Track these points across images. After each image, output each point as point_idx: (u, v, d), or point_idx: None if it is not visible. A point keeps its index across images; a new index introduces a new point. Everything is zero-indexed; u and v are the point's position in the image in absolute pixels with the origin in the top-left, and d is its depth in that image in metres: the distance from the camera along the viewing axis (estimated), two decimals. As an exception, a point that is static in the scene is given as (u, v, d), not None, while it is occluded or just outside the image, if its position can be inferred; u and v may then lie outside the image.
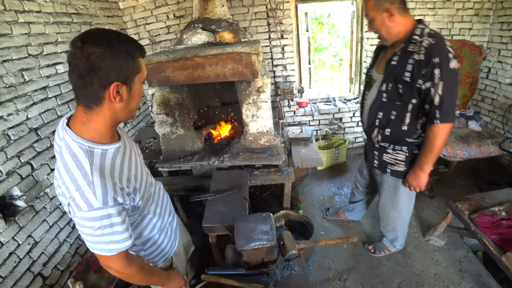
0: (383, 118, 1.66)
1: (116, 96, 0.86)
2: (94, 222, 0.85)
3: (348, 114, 3.78)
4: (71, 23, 2.58)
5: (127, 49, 0.84)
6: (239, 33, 2.18)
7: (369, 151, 1.96)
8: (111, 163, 0.93)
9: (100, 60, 0.79)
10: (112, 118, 0.91)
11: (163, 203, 1.34)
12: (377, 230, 2.62)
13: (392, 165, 1.79)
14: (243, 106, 2.34)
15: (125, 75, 0.85)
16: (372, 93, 1.73)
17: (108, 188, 0.86)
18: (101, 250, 0.91)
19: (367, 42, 3.54)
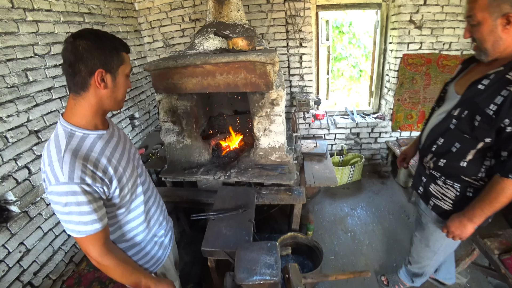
0: (443, 146, 1.39)
1: (101, 82, 0.96)
2: (61, 197, 0.90)
3: (366, 129, 3.56)
4: (83, 23, 2.50)
5: (112, 43, 0.97)
6: (254, 40, 2.02)
7: (416, 174, 1.68)
8: (89, 147, 0.98)
9: (87, 51, 0.91)
10: (98, 104, 1.00)
11: (155, 213, 1.32)
12: (392, 259, 2.40)
13: (437, 199, 1.51)
14: (254, 118, 2.18)
15: (109, 64, 0.96)
16: (440, 112, 1.45)
17: (76, 166, 0.90)
18: (73, 231, 0.94)
19: (390, 54, 3.32)
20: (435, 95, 3.22)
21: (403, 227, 2.79)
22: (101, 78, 0.95)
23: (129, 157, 1.17)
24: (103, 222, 0.98)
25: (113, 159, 1.05)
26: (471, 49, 3.04)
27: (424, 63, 3.17)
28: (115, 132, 1.15)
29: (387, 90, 3.50)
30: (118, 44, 1.00)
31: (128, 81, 1.07)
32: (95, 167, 0.95)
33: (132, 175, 1.14)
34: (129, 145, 1.24)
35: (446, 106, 1.42)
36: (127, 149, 1.19)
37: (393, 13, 3.17)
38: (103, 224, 0.98)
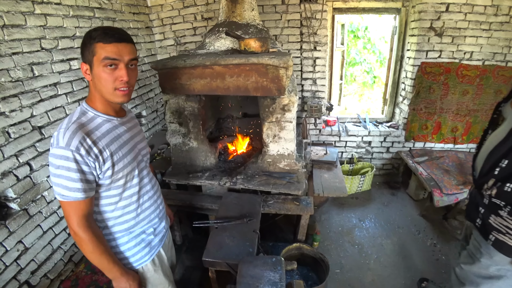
0: (508, 168, 1.26)
1: (86, 74, 1.05)
2: (56, 160, 0.98)
3: (378, 138, 3.44)
4: (93, 17, 2.45)
5: (89, 34, 1.00)
6: (267, 42, 1.93)
7: (472, 205, 1.51)
8: (96, 126, 1.07)
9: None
10: (97, 92, 1.08)
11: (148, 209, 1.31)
12: (401, 276, 2.28)
13: (499, 233, 1.31)
14: (264, 124, 2.09)
15: (85, 56, 1.02)
16: (498, 133, 1.35)
17: (77, 136, 0.99)
18: (58, 194, 1.01)
19: (407, 62, 3.20)
20: (452, 106, 3.13)
21: (412, 242, 2.67)
22: (85, 70, 1.04)
23: (133, 148, 1.21)
24: (86, 194, 1.03)
25: (115, 143, 1.11)
26: (493, 60, 2.94)
27: (442, 72, 3.04)
28: (128, 123, 1.23)
29: (402, 98, 3.37)
30: (95, 34, 0.99)
31: (108, 70, 1.02)
32: (93, 143, 1.02)
33: (130, 163, 1.17)
34: (140, 139, 1.29)
35: (505, 127, 1.32)
36: (134, 141, 1.23)
37: (412, 19, 3.05)
38: (85, 195, 1.02)
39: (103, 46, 0.99)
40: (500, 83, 3.04)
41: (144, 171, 1.27)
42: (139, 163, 1.23)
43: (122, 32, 1.05)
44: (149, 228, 1.31)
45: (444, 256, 2.50)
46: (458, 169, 2.98)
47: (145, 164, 1.30)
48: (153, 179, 1.38)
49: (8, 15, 1.76)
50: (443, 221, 2.90)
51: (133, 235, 1.25)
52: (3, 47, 1.74)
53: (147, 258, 1.31)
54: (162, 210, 1.42)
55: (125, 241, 1.24)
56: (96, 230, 1.09)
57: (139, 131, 1.31)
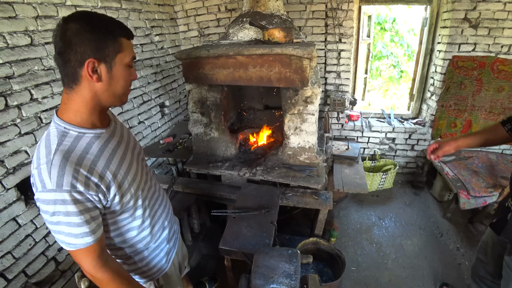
0: None
1: (93, 74, 0.82)
2: (48, 206, 0.80)
3: (402, 135, 3.32)
4: (120, 9, 2.51)
5: (106, 26, 0.83)
6: (291, 32, 1.90)
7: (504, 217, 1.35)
8: (85, 148, 0.86)
9: (76, 35, 0.77)
10: (93, 100, 0.87)
11: (160, 217, 1.21)
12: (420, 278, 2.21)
13: None
14: (286, 116, 2.07)
15: (102, 52, 0.82)
16: None
17: (67, 171, 0.79)
18: (62, 242, 0.84)
19: (438, 56, 3.04)
20: (486, 103, 2.96)
21: (434, 245, 2.58)
22: (93, 69, 0.81)
23: (132, 159, 1.05)
24: (97, 235, 0.87)
25: (113, 162, 0.93)
26: (534, 54, 2.73)
27: (476, 67, 2.87)
28: (116, 130, 1.03)
29: (430, 94, 3.23)
30: (115, 28, 0.85)
31: (131, 71, 0.93)
32: (90, 172, 0.84)
33: (135, 179, 1.02)
34: (133, 144, 1.12)
35: None
36: (130, 149, 1.07)
37: (445, 10, 2.88)
38: (96, 237, 0.86)
39: (128, 42, 0.89)
40: (541, 80, 2.83)
41: (147, 177, 1.15)
42: (142, 172, 1.10)
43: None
44: (164, 236, 1.23)
45: (467, 262, 2.39)
46: (488, 171, 2.83)
47: (146, 168, 1.18)
48: (153, 179, 1.24)
49: (41, 7, 1.84)
50: (468, 225, 2.78)
51: (152, 249, 1.17)
52: (37, 37, 1.82)
53: (166, 266, 1.26)
54: (170, 210, 1.33)
55: (145, 255, 1.15)
56: (115, 265, 0.96)
57: (128, 133, 1.14)
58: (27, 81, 1.76)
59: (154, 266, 1.20)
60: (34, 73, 1.80)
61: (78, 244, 0.84)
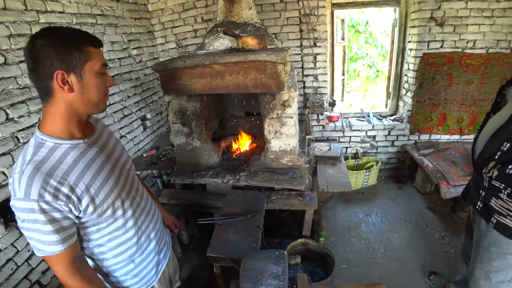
0: (509, 152, 1.23)
1: (64, 85, 0.84)
2: (18, 213, 0.83)
3: (382, 132, 3.42)
4: (95, 24, 2.51)
5: (71, 37, 0.85)
6: (265, 39, 1.95)
7: (473, 188, 1.48)
8: (59, 159, 0.87)
9: (41, 50, 0.80)
10: (68, 110, 0.89)
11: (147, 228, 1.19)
12: (409, 269, 2.26)
13: (501, 215, 1.30)
14: (265, 120, 2.11)
15: (69, 62, 0.84)
16: (500, 116, 1.32)
17: (35, 181, 0.81)
18: (33, 247, 0.87)
19: (409, 54, 3.17)
20: (457, 96, 3.09)
21: (420, 236, 2.65)
22: (63, 80, 0.84)
23: (114, 169, 1.04)
24: (68, 243, 0.88)
25: (87, 172, 0.92)
26: (497, 47, 2.89)
27: (445, 62, 3.01)
28: (99, 139, 1.03)
29: (406, 91, 3.35)
30: (80, 38, 0.87)
31: (105, 78, 0.94)
32: (60, 183, 0.84)
33: (113, 189, 1.00)
34: (119, 153, 1.11)
35: (508, 109, 1.30)
36: (112, 159, 1.05)
37: (412, 10, 3.02)
38: (67, 245, 0.87)
39: (95, 50, 0.90)
40: (506, 70, 2.98)
41: (132, 188, 1.13)
42: (125, 182, 1.09)
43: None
44: (151, 248, 1.21)
45: (452, 249, 2.47)
46: (465, 160, 2.94)
47: (132, 178, 1.16)
48: (144, 191, 1.24)
49: (14, 25, 1.83)
50: (451, 213, 2.87)
51: (139, 261, 1.15)
52: (11, 55, 1.80)
53: (154, 279, 1.23)
54: (159, 221, 1.30)
55: (130, 268, 1.13)
56: (88, 273, 0.96)
57: (115, 141, 1.14)
58: (2, 100, 1.73)
59: (141, 279, 1.18)
60: (9, 92, 1.77)
61: (47, 251, 0.86)
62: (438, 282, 2.14)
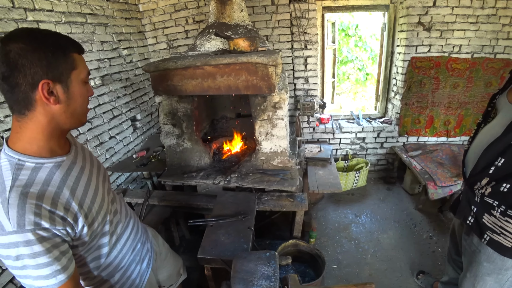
0: (504, 167, 1.17)
1: (50, 96, 0.75)
2: (9, 250, 0.70)
3: (372, 134, 3.47)
4: (85, 23, 2.48)
5: (55, 42, 0.75)
6: (256, 41, 1.96)
7: (464, 202, 1.43)
8: (45, 180, 0.78)
9: (21, 56, 0.70)
10: (50, 124, 0.79)
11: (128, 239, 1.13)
12: (398, 268, 2.30)
13: (494, 233, 1.25)
14: (256, 122, 2.11)
15: (56, 71, 0.75)
16: (493, 128, 1.26)
17: (27, 209, 0.70)
18: (31, 287, 0.75)
19: (398, 57, 3.24)
20: (444, 99, 3.17)
21: (409, 236, 2.69)
22: (49, 91, 0.75)
23: (98, 182, 0.99)
24: (69, 270, 0.79)
25: (77, 190, 0.86)
26: (482, 52, 2.98)
27: (433, 66, 3.08)
28: (78, 154, 0.95)
29: (394, 94, 3.41)
30: (65, 43, 0.78)
31: (87, 87, 0.87)
32: (53, 206, 0.76)
33: (102, 204, 0.96)
34: (97, 167, 1.04)
35: (501, 120, 1.24)
36: (94, 173, 0.99)
37: (401, 15, 3.09)
38: (69, 273, 0.78)
39: (80, 57, 0.83)
40: (490, 75, 3.08)
41: (113, 199, 1.09)
42: (107, 194, 1.04)
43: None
44: (135, 257, 1.16)
45: (440, 248, 2.52)
46: (452, 162, 3.01)
47: (109, 189, 1.10)
48: (117, 198, 1.17)
49: (1, 23, 1.79)
50: (439, 214, 2.93)
51: (123, 271, 1.10)
52: (-4, 54, 1.76)
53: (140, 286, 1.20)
54: (140, 229, 1.26)
55: (116, 279, 1.07)
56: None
57: (90, 155, 1.06)
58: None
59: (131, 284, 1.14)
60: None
61: (51, 285, 0.75)
62: (426, 281, 2.18)
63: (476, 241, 1.35)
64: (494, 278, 1.33)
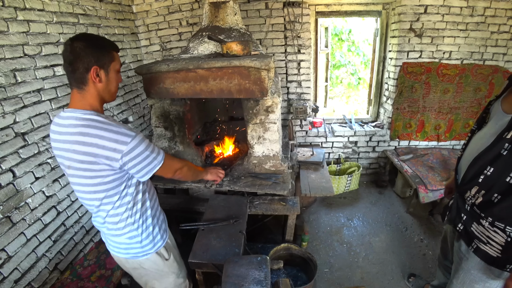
0: (493, 177, 1.16)
1: (96, 77, 1.14)
2: (140, 145, 1.16)
3: (364, 138, 3.50)
4: (77, 24, 2.45)
5: (103, 43, 1.16)
6: (249, 45, 1.97)
7: (454, 209, 1.45)
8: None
9: (83, 50, 1.08)
10: (98, 95, 1.18)
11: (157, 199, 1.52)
12: (389, 272, 2.32)
13: (481, 242, 1.26)
14: (248, 126, 2.11)
15: (102, 61, 1.14)
16: (485, 136, 1.26)
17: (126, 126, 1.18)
18: (159, 162, 1.27)
19: (390, 63, 3.28)
20: (435, 104, 3.22)
21: (400, 239, 2.72)
22: (96, 74, 1.13)
23: None
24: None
25: None
26: (471, 58, 3.04)
27: (423, 71, 3.13)
28: None
29: (386, 98, 3.45)
30: (108, 44, 1.18)
31: (119, 75, 1.26)
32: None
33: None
34: None
35: (492, 128, 1.24)
36: None
37: (393, 21, 3.14)
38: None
39: (116, 54, 1.22)
40: (479, 81, 3.14)
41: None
42: None
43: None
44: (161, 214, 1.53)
45: (430, 251, 2.55)
46: (442, 166, 3.05)
47: None
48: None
49: (-11, 22, 1.76)
50: (430, 217, 2.97)
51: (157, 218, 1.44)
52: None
53: (161, 243, 1.46)
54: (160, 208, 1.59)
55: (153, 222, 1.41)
56: (182, 163, 1.46)
57: None
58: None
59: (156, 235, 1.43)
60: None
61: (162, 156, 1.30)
62: (417, 284, 2.20)
63: (464, 248, 1.36)
64: (482, 286, 1.34)
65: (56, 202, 2.18)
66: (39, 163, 2.05)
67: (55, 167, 2.17)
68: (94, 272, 2.07)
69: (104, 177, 1.16)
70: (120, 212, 1.27)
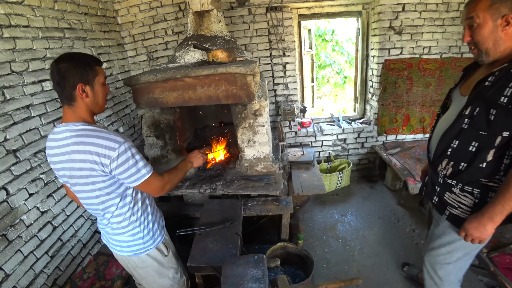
0: (459, 148, 1.33)
1: (83, 93, 1.22)
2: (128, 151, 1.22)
3: (352, 135, 3.59)
4: (63, 38, 2.46)
5: (85, 60, 1.24)
6: (234, 52, 2.02)
7: (430, 184, 1.61)
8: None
9: (67, 70, 1.18)
10: (88, 109, 1.27)
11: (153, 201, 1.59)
12: (384, 263, 2.38)
13: (452, 208, 1.42)
14: (238, 130, 2.16)
15: (86, 78, 1.22)
16: (448, 117, 1.43)
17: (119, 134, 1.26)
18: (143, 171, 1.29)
19: (372, 60, 3.38)
20: (418, 98, 3.32)
21: (393, 230, 2.79)
22: (82, 90, 1.21)
23: None
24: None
25: None
26: (450, 52, 3.15)
27: (405, 67, 3.23)
28: None
29: (371, 95, 3.55)
30: (91, 60, 1.25)
31: (106, 87, 1.33)
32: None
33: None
34: None
35: (453, 110, 1.41)
36: None
37: (373, 20, 3.24)
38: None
39: (100, 68, 1.29)
40: (459, 73, 3.22)
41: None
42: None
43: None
44: (158, 212, 1.60)
45: (422, 240, 2.63)
46: (428, 158, 3.15)
47: None
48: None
49: (-26, 41, 1.77)
50: (420, 207, 3.05)
51: (155, 215, 1.53)
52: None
53: (160, 239, 1.54)
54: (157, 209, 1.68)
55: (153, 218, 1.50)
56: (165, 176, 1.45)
57: None
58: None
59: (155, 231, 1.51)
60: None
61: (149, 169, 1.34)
62: (411, 272, 2.27)
63: (437, 216, 1.54)
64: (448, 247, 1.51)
65: (51, 217, 2.18)
66: (32, 179, 2.06)
67: (48, 182, 2.18)
68: (94, 284, 2.08)
69: (103, 181, 1.25)
70: (124, 211, 1.37)
